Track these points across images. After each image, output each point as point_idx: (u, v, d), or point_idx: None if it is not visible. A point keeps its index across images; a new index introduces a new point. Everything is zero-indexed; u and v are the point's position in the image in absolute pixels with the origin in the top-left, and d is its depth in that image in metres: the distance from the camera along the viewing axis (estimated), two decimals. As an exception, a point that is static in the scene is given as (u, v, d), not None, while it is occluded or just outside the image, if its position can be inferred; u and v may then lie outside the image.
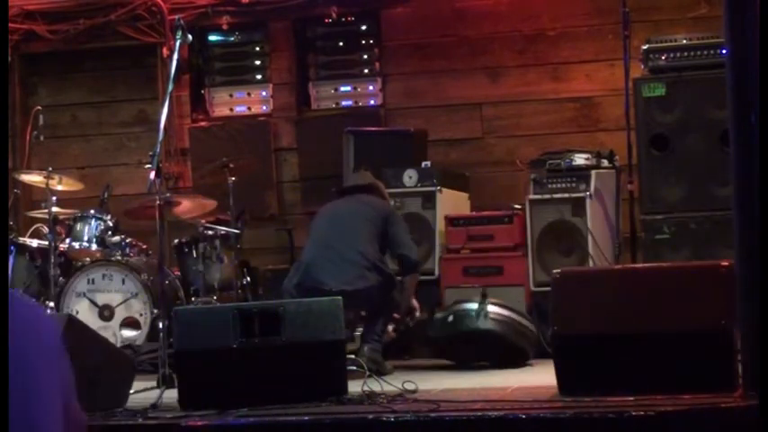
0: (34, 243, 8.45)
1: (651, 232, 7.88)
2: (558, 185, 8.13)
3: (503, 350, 7.27)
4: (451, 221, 8.40)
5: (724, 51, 5.42)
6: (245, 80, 10.09)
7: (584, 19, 9.20)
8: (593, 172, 8.12)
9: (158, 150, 6.66)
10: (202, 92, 10.10)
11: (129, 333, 8.09)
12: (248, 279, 8.58)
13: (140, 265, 8.32)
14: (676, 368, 5.29)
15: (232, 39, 10.14)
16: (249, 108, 10.07)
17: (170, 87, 6.88)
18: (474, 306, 7.31)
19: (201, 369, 5.81)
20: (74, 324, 5.94)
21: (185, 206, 8.35)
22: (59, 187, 8.48)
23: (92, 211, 8.53)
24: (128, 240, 8.55)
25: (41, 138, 8.85)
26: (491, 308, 7.34)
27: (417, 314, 7.62)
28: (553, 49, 9.27)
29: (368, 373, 6.30)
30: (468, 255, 8.28)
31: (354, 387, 5.92)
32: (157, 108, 8.71)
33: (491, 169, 9.29)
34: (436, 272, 8.26)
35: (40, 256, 8.36)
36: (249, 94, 10.08)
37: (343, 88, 9.90)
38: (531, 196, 8.18)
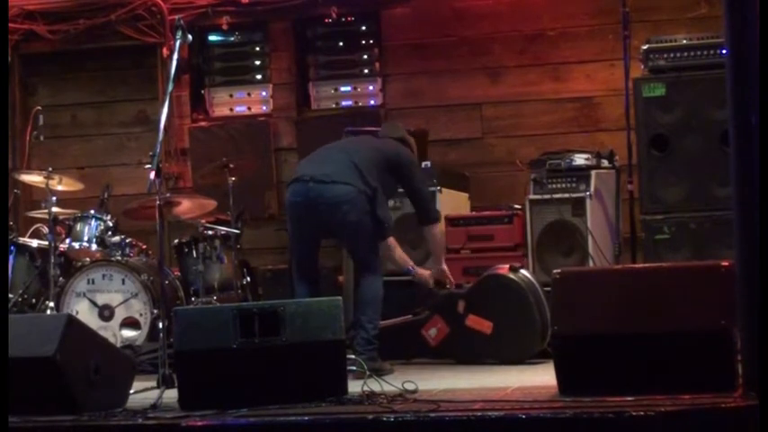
0: (34, 243, 8.45)
1: (651, 232, 7.88)
2: (558, 185, 8.13)
3: (517, 310, 7.30)
4: (451, 221, 8.40)
5: (724, 51, 5.42)
6: (245, 80, 10.10)
7: (585, 19, 9.20)
8: (593, 172, 8.12)
9: (158, 150, 6.65)
10: (202, 92, 10.10)
11: (129, 333, 8.09)
12: (248, 279, 8.58)
13: (140, 265, 8.32)
14: (676, 368, 5.29)
15: (232, 39, 10.15)
16: (249, 108, 10.08)
17: (170, 87, 6.87)
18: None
19: (201, 369, 5.80)
20: (74, 324, 5.94)
21: (185, 206, 8.35)
22: (59, 187, 8.48)
23: (92, 212, 8.54)
24: (128, 240, 8.55)
25: (41, 138, 8.85)
26: (523, 271, 7.48)
27: (449, 285, 7.61)
28: (553, 50, 9.28)
29: (368, 373, 6.30)
30: (468, 255, 8.29)
31: (354, 387, 5.92)
32: (157, 108, 8.73)
33: (491, 169, 9.29)
34: (436, 272, 8.24)
35: (39, 256, 8.36)
36: (249, 94, 10.09)
37: (343, 88, 9.91)
38: (531, 196, 8.19)
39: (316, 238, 7.30)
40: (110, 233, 8.50)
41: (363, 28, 9.90)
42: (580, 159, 8.18)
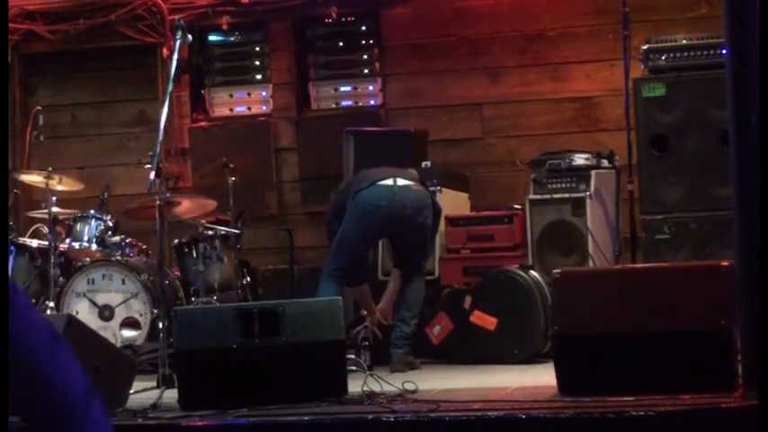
0: (34, 243, 8.44)
1: (651, 232, 7.88)
2: (558, 185, 8.13)
3: (522, 307, 7.33)
4: (451, 221, 8.39)
5: (724, 51, 5.42)
6: (245, 80, 10.09)
7: (585, 19, 9.20)
8: (593, 172, 8.12)
9: (158, 150, 6.66)
10: (202, 92, 10.10)
11: (129, 333, 8.09)
12: (248, 279, 8.58)
13: (140, 265, 8.31)
14: (676, 368, 5.29)
15: (232, 39, 10.14)
16: (249, 108, 10.07)
17: (170, 87, 6.88)
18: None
19: (201, 369, 5.80)
20: (73, 324, 5.94)
21: (185, 206, 8.35)
22: (59, 187, 8.48)
23: (92, 212, 8.53)
24: (128, 240, 8.54)
25: (41, 138, 8.84)
26: (533, 272, 7.56)
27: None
28: (553, 50, 9.27)
29: (368, 372, 6.31)
30: (468, 255, 8.28)
31: (354, 387, 5.92)
32: (157, 108, 8.72)
33: (491, 169, 9.29)
34: (436, 272, 8.25)
35: (40, 256, 8.36)
36: (249, 94, 10.08)
37: (343, 88, 9.90)
38: (531, 196, 8.19)
39: (378, 239, 7.52)
40: (110, 233, 8.49)
41: (363, 28, 9.89)
42: (580, 159, 8.19)
